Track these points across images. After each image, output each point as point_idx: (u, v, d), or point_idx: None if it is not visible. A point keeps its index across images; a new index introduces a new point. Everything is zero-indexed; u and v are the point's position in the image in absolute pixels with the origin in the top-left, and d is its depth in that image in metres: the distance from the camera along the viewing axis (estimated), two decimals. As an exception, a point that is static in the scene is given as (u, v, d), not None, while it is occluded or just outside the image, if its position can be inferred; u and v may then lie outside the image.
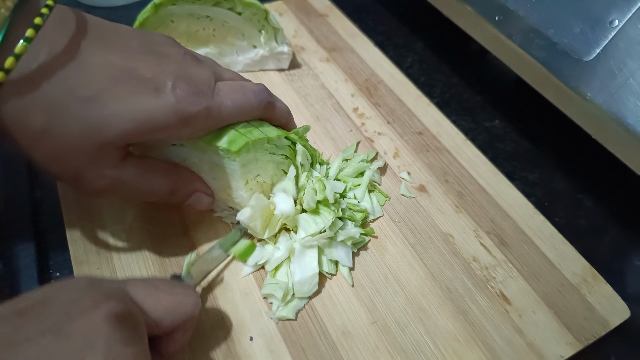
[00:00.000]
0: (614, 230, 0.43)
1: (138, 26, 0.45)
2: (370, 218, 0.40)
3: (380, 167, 0.43)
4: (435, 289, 0.36)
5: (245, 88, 0.33)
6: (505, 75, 0.57)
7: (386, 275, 0.36)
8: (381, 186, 0.42)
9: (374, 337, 0.33)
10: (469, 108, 0.53)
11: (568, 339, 0.33)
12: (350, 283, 0.36)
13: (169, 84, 0.29)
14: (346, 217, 0.38)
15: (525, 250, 0.38)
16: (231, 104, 0.32)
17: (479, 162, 0.44)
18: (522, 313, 0.35)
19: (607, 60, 0.36)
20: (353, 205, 0.39)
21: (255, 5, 0.47)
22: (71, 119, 0.27)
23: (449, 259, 0.37)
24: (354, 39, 0.56)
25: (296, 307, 0.34)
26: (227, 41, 0.50)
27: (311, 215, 0.36)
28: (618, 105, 0.35)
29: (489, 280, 0.36)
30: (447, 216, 0.40)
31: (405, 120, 0.47)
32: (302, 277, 0.35)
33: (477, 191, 0.42)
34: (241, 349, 0.32)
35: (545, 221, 0.40)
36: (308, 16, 0.59)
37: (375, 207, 0.40)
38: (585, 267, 0.37)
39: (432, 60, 0.58)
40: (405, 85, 0.51)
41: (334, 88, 0.50)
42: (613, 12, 0.36)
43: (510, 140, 0.50)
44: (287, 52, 0.51)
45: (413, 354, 0.32)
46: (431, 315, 0.34)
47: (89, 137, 0.28)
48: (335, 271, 0.36)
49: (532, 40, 0.40)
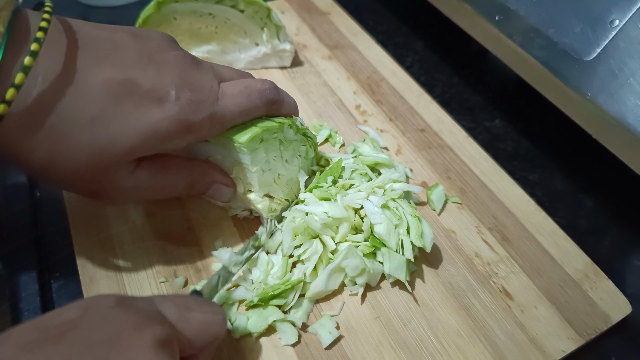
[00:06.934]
0: (615, 230, 0.43)
1: (141, 23, 0.45)
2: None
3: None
4: (438, 284, 0.36)
5: (251, 89, 0.33)
6: (505, 75, 0.57)
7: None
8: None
9: (377, 332, 0.33)
10: (469, 108, 0.53)
11: (570, 334, 0.33)
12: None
13: (172, 94, 0.29)
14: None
15: (527, 247, 0.38)
16: (235, 108, 0.32)
17: (481, 159, 0.44)
18: (524, 308, 0.35)
19: (607, 60, 0.36)
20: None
21: (258, 2, 0.47)
22: (76, 145, 0.27)
23: (452, 255, 0.38)
24: (356, 37, 0.56)
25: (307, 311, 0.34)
26: (230, 39, 0.50)
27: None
28: (618, 105, 0.35)
29: (491, 276, 0.36)
30: (450, 212, 0.40)
31: (408, 118, 0.48)
32: (324, 289, 0.34)
33: (479, 188, 0.42)
34: (245, 345, 0.32)
35: (546, 217, 0.40)
36: (310, 14, 0.59)
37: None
38: (586, 263, 0.37)
39: (433, 60, 0.59)
40: (407, 83, 0.51)
41: (336, 85, 0.51)
42: (613, 11, 0.36)
43: (511, 140, 0.50)
44: (289, 49, 0.51)
45: (416, 349, 0.32)
46: (434, 310, 0.34)
47: (96, 159, 0.27)
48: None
49: (533, 40, 0.41)
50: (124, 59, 0.28)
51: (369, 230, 0.36)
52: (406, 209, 0.36)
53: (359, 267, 0.34)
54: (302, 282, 0.34)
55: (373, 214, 0.35)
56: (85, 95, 0.27)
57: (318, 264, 0.35)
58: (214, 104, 0.31)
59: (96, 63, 0.27)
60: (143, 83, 0.28)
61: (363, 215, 0.36)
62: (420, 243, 0.34)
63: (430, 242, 0.35)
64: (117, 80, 0.27)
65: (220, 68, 0.34)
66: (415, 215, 0.35)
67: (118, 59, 0.28)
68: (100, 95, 0.27)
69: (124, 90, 0.28)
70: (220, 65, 0.35)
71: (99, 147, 0.27)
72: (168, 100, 0.29)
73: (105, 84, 0.27)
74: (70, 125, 0.26)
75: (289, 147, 0.36)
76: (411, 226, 0.35)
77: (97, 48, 0.28)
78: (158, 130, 0.28)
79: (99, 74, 0.27)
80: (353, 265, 0.34)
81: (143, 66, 0.29)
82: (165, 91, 0.29)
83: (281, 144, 0.36)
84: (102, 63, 0.28)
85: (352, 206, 0.36)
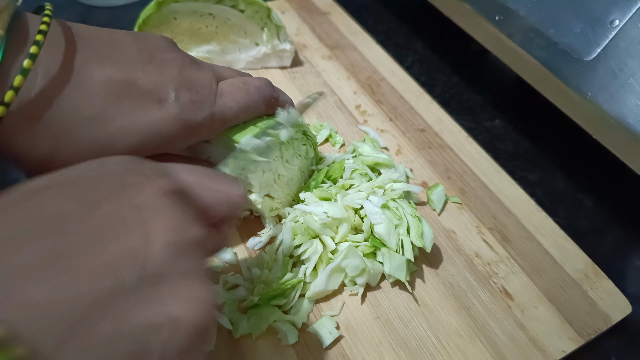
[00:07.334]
0: (615, 230, 0.43)
1: (141, 23, 0.45)
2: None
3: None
4: (438, 284, 0.36)
5: (248, 85, 0.33)
6: (505, 75, 0.57)
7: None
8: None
9: (377, 332, 0.33)
10: (469, 108, 0.53)
11: (570, 334, 0.33)
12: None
13: (172, 94, 0.29)
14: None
15: (527, 247, 0.38)
16: (235, 105, 0.32)
17: (481, 159, 0.44)
18: (524, 308, 0.35)
19: (607, 60, 0.36)
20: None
21: (258, 2, 0.47)
22: (77, 141, 0.27)
23: (452, 255, 0.38)
24: (356, 37, 0.56)
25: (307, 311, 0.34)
26: (230, 39, 0.50)
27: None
28: (618, 105, 0.35)
29: (492, 276, 0.36)
30: (450, 212, 0.40)
31: (408, 118, 0.48)
32: (324, 289, 0.34)
33: (479, 188, 0.42)
34: (246, 346, 0.32)
35: (547, 217, 0.40)
36: (310, 14, 0.59)
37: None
38: (586, 263, 0.37)
39: (433, 60, 0.59)
40: (407, 83, 0.51)
41: (337, 85, 0.51)
42: (613, 11, 0.36)
43: (511, 140, 0.50)
44: (289, 49, 0.51)
45: (416, 349, 0.32)
46: (434, 310, 0.34)
47: (97, 156, 0.27)
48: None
49: (533, 40, 0.41)
50: (124, 58, 0.28)
51: (369, 230, 0.36)
52: (406, 209, 0.36)
53: (359, 267, 0.34)
54: (302, 282, 0.34)
55: (373, 214, 0.35)
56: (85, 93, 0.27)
57: (318, 264, 0.35)
58: (214, 103, 0.31)
59: (96, 61, 0.27)
60: (143, 83, 0.28)
61: (363, 215, 0.36)
62: (420, 243, 0.34)
63: (431, 242, 0.35)
64: (117, 78, 0.27)
65: (219, 68, 0.34)
66: (415, 215, 0.35)
67: (118, 58, 0.28)
68: (101, 92, 0.27)
69: (124, 88, 0.28)
70: (220, 66, 0.35)
71: (99, 146, 0.27)
72: (168, 100, 0.29)
73: (106, 82, 0.27)
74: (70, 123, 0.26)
75: (289, 147, 0.36)
76: (411, 226, 0.35)
77: (97, 47, 0.28)
78: (159, 130, 0.28)
79: (99, 72, 0.27)
80: (353, 265, 0.34)
81: (143, 65, 0.29)
82: (165, 91, 0.29)
83: (281, 144, 0.36)
84: (102, 61, 0.28)
85: (352, 206, 0.36)
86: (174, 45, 0.32)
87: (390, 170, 0.40)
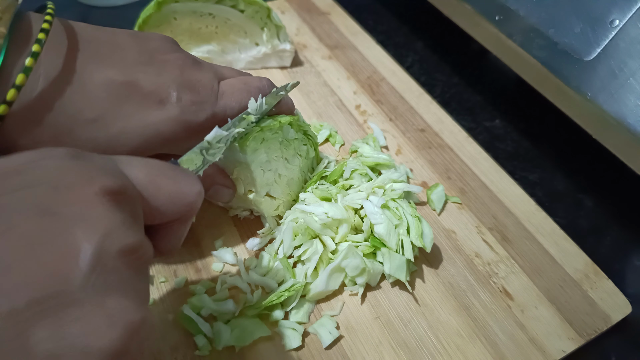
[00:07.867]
0: (615, 230, 0.43)
1: (141, 23, 0.45)
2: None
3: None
4: (438, 284, 0.36)
5: (249, 85, 0.33)
6: (505, 75, 0.57)
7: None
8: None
9: (377, 332, 0.33)
10: (469, 108, 0.53)
11: (570, 334, 0.33)
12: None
13: (173, 95, 0.29)
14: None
15: (527, 247, 0.38)
16: (237, 105, 0.32)
17: (481, 159, 0.44)
18: (524, 308, 0.35)
19: (607, 60, 0.36)
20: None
21: (258, 3, 0.47)
22: (78, 143, 0.27)
23: (452, 255, 0.38)
24: (356, 37, 0.56)
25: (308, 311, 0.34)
26: (230, 39, 0.50)
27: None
28: (618, 105, 0.35)
29: (492, 276, 0.36)
30: (450, 212, 0.40)
31: (408, 118, 0.48)
32: (324, 289, 0.34)
33: (479, 188, 0.42)
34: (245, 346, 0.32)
35: (546, 217, 0.40)
36: (310, 14, 0.59)
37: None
38: (586, 263, 0.37)
39: (433, 60, 0.59)
40: (407, 83, 0.51)
41: (337, 85, 0.51)
42: (613, 11, 0.36)
43: (511, 140, 0.50)
44: (289, 49, 0.51)
45: (416, 349, 0.32)
46: (434, 310, 0.34)
47: None
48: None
49: (533, 40, 0.41)
50: (124, 60, 0.28)
51: (369, 230, 0.36)
52: (406, 209, 0.36)
53: (359, 267, 0.34)
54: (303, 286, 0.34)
55: (373, 214, 0.35)
56: (86, 95, 0.27)
57: (318, 264, 0.35)
58: (215, 103, 0.31)
59: (98, 63, 0.27)
60: (144, 84, 0.28)
61: (363, 215, 0.36)
62: (420, 243, 0.34)
63: (430, 242, 0.35)
64: (118, 80, 0.27)
65: (221, 68, 0.34)
66: (415, 215, 0.35)
67: (119, 59, 0.28)
68: (102, 94, 0.27)
69: (125, 90, 0.28)
70: (221, 65, 0.35)
71: (101, 147, 0.27)
72: (169, 101, 0.29)
73: (107, 84, 0.27)
74: (72, 124, 0.26)
75: (290, 147, 0.36)
76: (411, 226, 0.35)
77: (98, 48, 0.28)
78: (161, 131, 0.28)
79: (100, 73, 0.27)
80: (353, 265, 0.34)
81: (144, 67, 0.29)
82: (166, 92, 0.29)
83: (282, 144, 0.36)
84: (103, 63, 0.28)
85: (352, 206, 0.36)
86: (176, 45, 0.32)
87: (391, 170, 0.40)
